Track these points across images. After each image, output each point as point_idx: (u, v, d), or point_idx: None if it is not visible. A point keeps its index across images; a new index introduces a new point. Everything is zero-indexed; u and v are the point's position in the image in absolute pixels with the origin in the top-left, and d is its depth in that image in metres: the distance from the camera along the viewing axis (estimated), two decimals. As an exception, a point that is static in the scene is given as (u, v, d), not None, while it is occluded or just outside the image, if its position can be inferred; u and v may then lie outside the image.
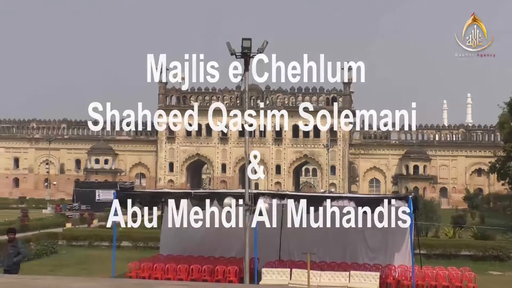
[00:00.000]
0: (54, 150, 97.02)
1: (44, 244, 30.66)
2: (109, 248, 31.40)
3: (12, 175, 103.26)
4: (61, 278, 11.17)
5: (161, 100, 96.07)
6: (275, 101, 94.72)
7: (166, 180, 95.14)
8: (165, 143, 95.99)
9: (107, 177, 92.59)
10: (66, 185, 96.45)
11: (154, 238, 32.15)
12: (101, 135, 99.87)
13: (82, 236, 35.49)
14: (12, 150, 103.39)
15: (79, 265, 27.18)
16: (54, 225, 44.30)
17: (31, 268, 25.49)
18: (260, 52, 18.21)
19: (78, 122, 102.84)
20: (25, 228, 40.15)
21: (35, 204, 76.59)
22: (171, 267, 22.92)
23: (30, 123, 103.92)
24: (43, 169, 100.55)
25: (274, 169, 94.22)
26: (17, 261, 17.79)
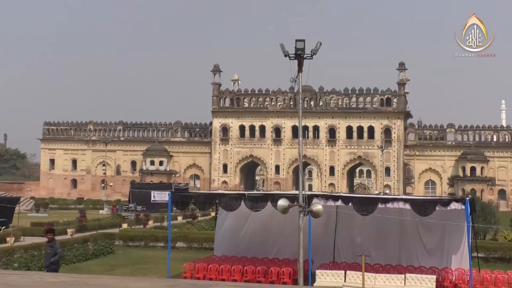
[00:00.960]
0: (110, 151, 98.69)
1: (101, 244, 31.15)
2: (164, 248, 31.72)
3: (70, 176, 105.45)
4: (118, 278, 11.34)
5: (215, 102, 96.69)
6: (329, 102, 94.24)
7: (220, 182, 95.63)
8: (219, 145, 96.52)
9: (162, 179, 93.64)
10: (122, 186, 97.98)
11: (209, 239, 32.40)
12: (156, 137, 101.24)
13: (138, 236, 35.93)
14: (70, 152, 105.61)
15: (135, 265, 27.53)
16: (111, 225, 45.03)
17: (89, 268, 25.99)
18: (314, 53, 18.12)
19: (134, 124, 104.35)
20: (83, 228, 40.94)
21: (92, 204, 77.99)
22: (225, 268, 23.03)
23: (88, 125, 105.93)
24: (100, 171, 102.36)
25: (328, 170, 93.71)
26: (54, 261, 18.15)
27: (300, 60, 18.15)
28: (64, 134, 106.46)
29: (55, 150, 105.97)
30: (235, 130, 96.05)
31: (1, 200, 48.68)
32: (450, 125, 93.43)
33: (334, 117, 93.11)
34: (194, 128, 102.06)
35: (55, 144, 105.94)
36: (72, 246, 28.80)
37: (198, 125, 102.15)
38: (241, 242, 25.75)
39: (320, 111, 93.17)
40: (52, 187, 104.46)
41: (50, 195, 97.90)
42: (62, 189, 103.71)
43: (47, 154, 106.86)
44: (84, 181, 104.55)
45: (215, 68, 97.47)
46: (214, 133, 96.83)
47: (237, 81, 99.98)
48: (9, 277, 9.25)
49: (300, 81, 18.53)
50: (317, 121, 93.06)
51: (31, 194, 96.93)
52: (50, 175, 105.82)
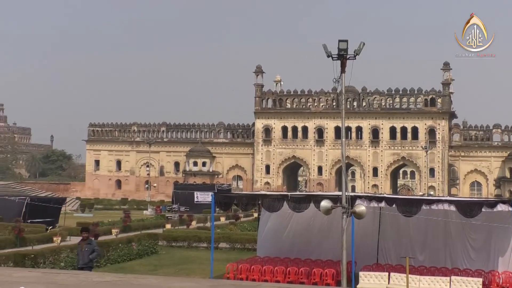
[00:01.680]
0: (154, 153, 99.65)
1: (145, 245, 31.46)
2: (207, 249, 31.93)
3: (115, 177, 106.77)
4: (162, 278, 11.47)
5: (257, 102, 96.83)
6: (372, 102, 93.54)
7: (263, 183, 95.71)
8: (262, 146, 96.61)
9: (205, 179, 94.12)
10: (165, 187, 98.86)
11: (252, 239, 32.46)
12: (199, 138, 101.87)
13: (181, 237, 36.17)
14: (114, 153, 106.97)
15: (178, 265, 27.73)
16: (155, 226, 45.46)
17: (133, 268, 26.27)
18: (357, 54, 18.01)
19: (177, 125, 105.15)
20: (127, 228, 41.44)
21: (136, 205, 78.85)
22: (268, 269, 23.04)
23: (132, 126, 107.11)
24: (144, 171, 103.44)
25: (371, 171, 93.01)
26: (92, 258, 18.54)
27: (343, 60, 18.05)
28: (108, 136, 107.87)
29: (100, 151, 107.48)
30: (278, 131, 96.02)
31: (48, 200, 49.62)
32: (497, 126, 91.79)
33: (377, 117, 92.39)
34: (237, 129, 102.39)
35: (100, 145, 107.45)
36: (116, 246, 29.14)
37: (241, 126, 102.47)
38: (283, 243, 25.73)
39: (363, 111, 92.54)
40: (97, 187, 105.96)
41: (95, 195, 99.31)
42: (106, 189, 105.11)
43: (92, 155, 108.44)
44: (128, 182, 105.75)
45: (257, 69, 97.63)
46: (256, 134, 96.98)
47: (279, 82, 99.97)
48: (57, 276, 9.43)
49: (343, 82, 18.43)
50: (360, 122, 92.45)
51: (77, 194, 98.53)
52: (95, 176, 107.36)
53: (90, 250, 18.47)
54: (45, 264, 23.93)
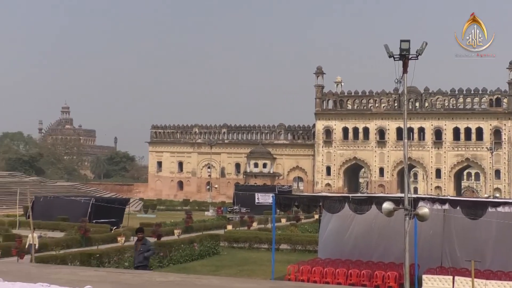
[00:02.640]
0: (215, 154, 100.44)
1: (207, 245, 31.69)
2: (268, 250, 31.94)
3: (177, 178, 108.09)
4: (224, 279, 11.54)
5: (318, 104, 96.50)
6: (434, 103, 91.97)
7: (324, 184, 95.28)
8: (322, 147, 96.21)
9: (266, 181, 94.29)
10: (226, 188, 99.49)
11: (313, 241, 32.34)
12: (259, 139, 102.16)
13: (242, 238, 36.31)
14: (176, 154, 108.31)
15: (239, 266, 27.85)
16: (216, 227, 45.77)
17: (195, 268, 26.51)
18: (419, 54, 17.72)
19: (238, 127, 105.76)
20: (189, 229, 41.85)
21: (198, 206, 79.54)
22: (329, 270, 22.91)
23: (193, 128, 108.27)
24: (205, 173, 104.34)
25: (434, 173, 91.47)
26: (147, 256, 19.03)
27: (405, 61, 17.79)
28: (170, 137, 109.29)
29: (162, 152, 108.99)
30: (339, 132, 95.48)
31: (112, 201, 50.63)
32: None
33: (440, 118, 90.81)
34: (297, 131, 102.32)
35: (162, 147, 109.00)
36: (178, 247, 29.47)
37: (301, 128, 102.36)
38: (345, 245, 25.54)
39: (426, 112, 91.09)
40: (159, 188, 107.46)
41: (157, 196, 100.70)
42: (169, 190, 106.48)
43: (155, 156, 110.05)
44: (190, 183, 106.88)
45: (318, 70, 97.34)
46: (317, 135, 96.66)
47: (340, 83, 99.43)
48: (121, 275, 9.61)
49: (405, 82, 18.17)
50: (423, 123, 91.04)
51: (140, 195, 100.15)
52: (157, 177, 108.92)
53: (145, 250, 18.93)
54: (109, 264, 24.42)
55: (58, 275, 9.28)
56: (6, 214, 51.36)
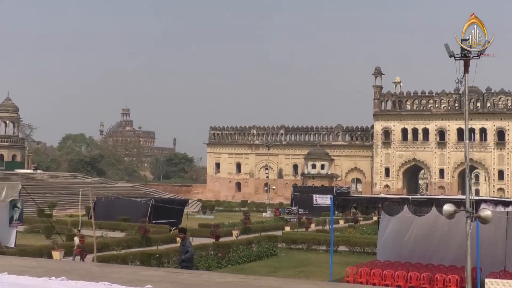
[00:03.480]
0: (273, 155, 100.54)
1: (265, 246, 31.73)
2: (326, 252, 31.80)
3: (235, 179, 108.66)
4: (282, 280, 11.54)
5: (376, 105, 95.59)
6: (497, 103, 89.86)
7: (382, 186, 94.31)
8: (381, 148, 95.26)
9: (324, 182, 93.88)
10: (284, 190, 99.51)
11: (371, 243, 32.04)
12: (317, 141, 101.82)
13: (300, 239, 36.22)
14: (234, 155, 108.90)
15: (297, 268, 27.79)
16: (274, 228, 45.78)
17: (253, 269, 26.60)
18: (481, 53, 17.34)
19: (295, 128, 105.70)
20: (247, 230, 42.02)
21: (255, 207, 79.75)
22: (388, 273, 22.65)
23: (251, 129, 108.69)
24: (263, 174, 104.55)
25: (497, 174, 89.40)
26: (186, 258, 19.03)
27: (466, 60, 17.44)
28: (228, 139, 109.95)
29: (220, 154, 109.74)
30: (397, 133, 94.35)
31: (171, 202, 51.20)
32: None
33: (503, 118, 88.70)
34: (355, 132, 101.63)
35: (220, 148, 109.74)
36: (237, 248, 29.59)
37: (359, 129, 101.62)
38: (404, 247, 25.19)
39: (488, 112, 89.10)
40: (217, 190, 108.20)
41: (215, 197, 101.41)
42: (227, 192, 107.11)
43: (213, 158, 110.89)
44: (247, 184, 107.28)
45: (376, 71, 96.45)
46: (375, 136, 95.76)
47: (399, 84, 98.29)
48: (180, 275, 9.72)
49: (466, 82, 17.81)
50: (484, 123, 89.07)
51: (198, 196, 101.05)
52: (215, 178, 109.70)
53: (183, 251, 19.16)
54: (169, 264, 24.69)
55: (119, 275, 9.44)
56: (69, 214, 52.56)
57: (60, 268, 10.56)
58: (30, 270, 9.18)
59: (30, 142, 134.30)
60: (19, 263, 10.84)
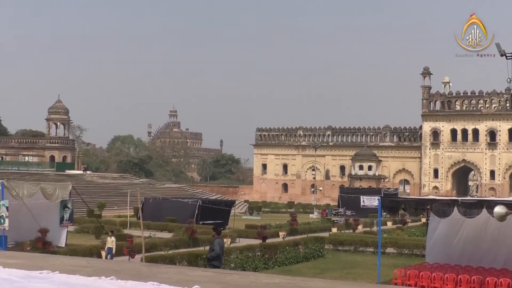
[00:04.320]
0: (319, 156, 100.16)
1: (312, 248, 31.62)
2: (374, 254, 31.50)
3: (281, 180, 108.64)
4: (329, 281, 11.49)
5: (425, 105, 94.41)
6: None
7: (431, 187, 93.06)
8: (429, 149, 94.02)
9: (371, 183, 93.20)
10: (331, 191, 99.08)
11: (420, 245, 31.64)
12: (364, 142, 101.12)
13: (347, 241, 36.00)
14: (281, 157, 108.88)
15: (344, 270, 27.63)
16: (321, 229, 45.62)
17: (300, 270, 26.56)
18: (533, 51, 16.97)
19: (342, 129, 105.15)
20: (294, 231, 41.96)
21: (302, 208, 79.62)
22: (437, 276, 22.33)
23: (297, 130, 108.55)
24: (310, 175, 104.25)
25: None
26: (210, 257, 19.18)
27: (518, 59, 17.10)
28: (275, 140, 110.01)
29: (267, 155, 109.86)
30: (446, 134, 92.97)
31: (218, 203, 51.47)
32: None
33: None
34: (403, 132, 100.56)
35: (267, 149, 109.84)
36: (283, 249, 29.57)
37: (407, 129, 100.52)
38: (454, 250, 24.79)
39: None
40: (264, 191, 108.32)
41: (262, 198, 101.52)
42: (273, 193, 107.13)
43: (260, 159, 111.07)
44: (294, 185, 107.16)
45: (424, 71, 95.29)
46: (424, 137, 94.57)
47: (448, 84, 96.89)
48: (228, 276, 9.75)
49: (517, 81, 17.45)
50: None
51: (245, 197, 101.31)
52: (262, 180, 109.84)
53: (211, 250, 19.34)
54: (216, 264, 24.81)
55: (167, 275, 9.52)
56: (117, 215, 53.24)
57: (110, 267, 10.70)
58: (80, 270, 9.32)
59: (80, 143, 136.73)
60: (69, 263, 11.02)
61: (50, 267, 9.24)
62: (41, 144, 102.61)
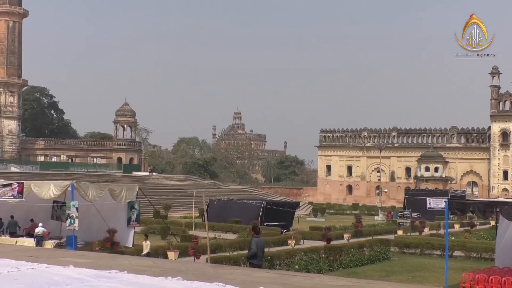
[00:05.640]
0: (384, 158, 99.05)
1: (377, 250, 31.30)
2: (441, 257, 30.98)
3: (346, 182, 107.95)
4: (395, 284, 11.36)
5: (494, 105, 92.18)
6: None
7: (500, 189, 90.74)
8: (499, 150, 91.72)
9: (437, 185, 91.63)
10: (396, 193, 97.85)
11: (489, 248, 30.93)
12: (431, 143, 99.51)
13: (413, 243, 35.46)
14: (345, 158, 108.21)
15: (410, 273, 27.25)
16: (386, 231, 45.13)
17: (365, 273, 26.33)
18: None
19: (408, 130, 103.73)
20: (359, 233, 41.63)
21: (367, 210, 78.92)
22: (508, 280, 21.76)
23: (362, 132, 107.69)
24: (374, 177, 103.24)
25: None
26: (248, 256, 19.29)
27: None
28: (339, 141, 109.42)
29: (331, 156, 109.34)
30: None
31: (282, 204, 51.46)
32: None
33: None
34: (471, 133, 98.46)
35: (331, 150, 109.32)
36: (348, 251, 29.37)
37: (475, 130, 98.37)
38: (525, 254, 24.12)
39: None
40: (328, 192, 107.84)
41: (326, 200, 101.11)
42: (338, 194, 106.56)
43: (324, 160, 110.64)
44: (359, 187, 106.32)
45: (493, 70, 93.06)
46: (493, 138, 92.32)
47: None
48: (292, 278, 9.75)
49: None
50: None
51: (309, 199, 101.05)
52: (326, 181, 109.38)
53: (249, 248, 19.28)
54: (280, 266, 24.83)
55: (232, 276, 9.60)
56: (183, 216, 53.91)
57: (176, 268, 10.86)
58: (147, 270, 9.49)
59: (147, 145, 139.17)
60: (137, 263, 11.23)
61: (118, 266, 9.44)
62: (109, 146, 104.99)
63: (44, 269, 9.12)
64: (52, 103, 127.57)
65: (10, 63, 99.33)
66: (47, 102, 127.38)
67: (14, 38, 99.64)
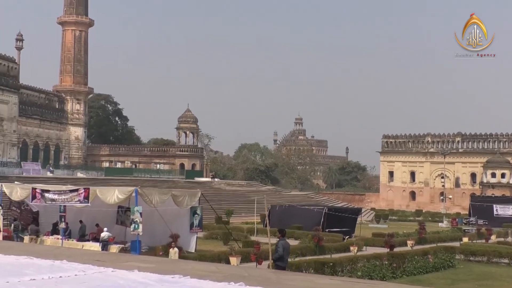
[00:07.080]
0: (448, 163, 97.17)
1: (442, 258, 30.72)
2: (509, 265, 30.27)
3: (409, 188, 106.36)
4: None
5: None
6: None
7: None
8: None
9: (505, 191, 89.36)
10: (461, 199, 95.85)
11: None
12: (497, 148, 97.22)
13: (479, 251, 34.62)
14: (408, 164, 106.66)
15: (477, 281, 26.62)
16: (451, 239, 44.24)
17: (429, 280, 25.86)
18: None
19: (473, 135, 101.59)
20: (422, 240, 40.92)
21: (430, 217, 77.56)
22: None
23: (425, 137, 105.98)
24: (438, 183, 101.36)
25: None
26: (275, 258, 19.41)
27: None
28: (402, 147, 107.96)
29: (393, 162, 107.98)
30: None
31: (344, 210, 51.13)
32: None
33: None
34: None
35: (394, 156, 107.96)
36: (412, 258, 28.94)
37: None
38: None
39: None
40: (391, 199, 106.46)
41: (389, 206, 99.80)
42: (400, 200, 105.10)
43: (386, 166, 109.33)
44: (422, 193, 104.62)
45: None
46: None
47: None
48: (355, 285, 9.65)
49: None
50: None
51: (371, 205, 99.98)
52: (389, 187, 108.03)
53: (276, 251, 19.38)
54: (342, 273, 24.64)
55: (294, 282, 9.57)
56: (245, 222, 54.03)
57: (238, 273, 10.89)
58: (210, 275, 9.54)
59: (208, 151, 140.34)
60: (199, 268, 11.32)
61: (181, 271, 9.53)
62: (171, 152, 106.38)
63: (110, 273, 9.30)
64: (117, 110, 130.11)
65: (76, 71, 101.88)
66: (111, 109, 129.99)
67: (80, 47, 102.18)
